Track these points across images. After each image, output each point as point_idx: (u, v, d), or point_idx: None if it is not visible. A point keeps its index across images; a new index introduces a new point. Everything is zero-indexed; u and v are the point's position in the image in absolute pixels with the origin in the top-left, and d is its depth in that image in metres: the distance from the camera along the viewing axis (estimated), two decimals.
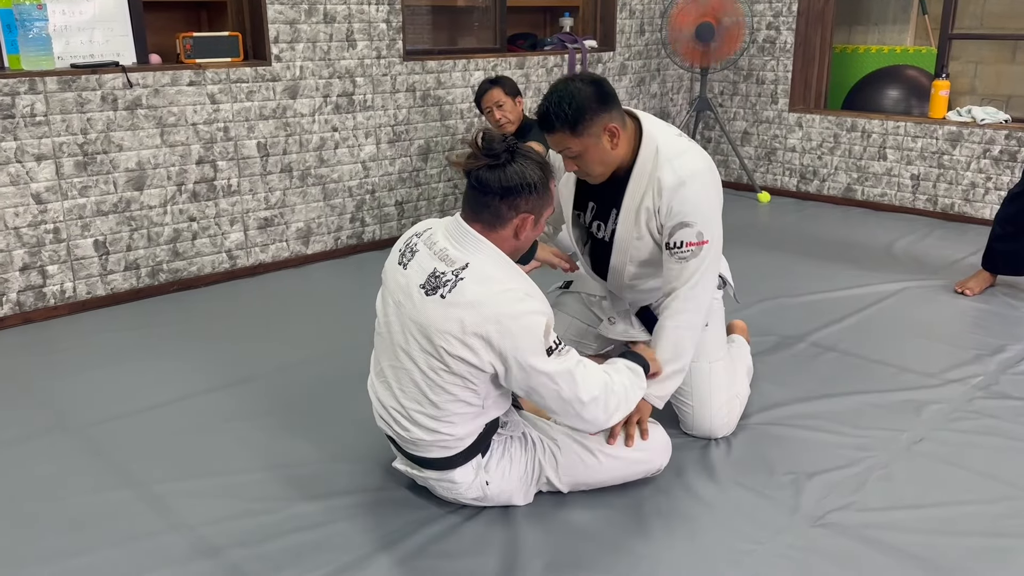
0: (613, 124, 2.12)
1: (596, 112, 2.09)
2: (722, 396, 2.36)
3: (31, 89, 3.13)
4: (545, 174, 1.88)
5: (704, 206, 2.17)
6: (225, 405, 2.62)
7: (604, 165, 2.18)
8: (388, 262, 2.00)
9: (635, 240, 2.27)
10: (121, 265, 3.50)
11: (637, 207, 2.23)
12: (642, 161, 2.21)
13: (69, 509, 2.06)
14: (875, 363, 2.90)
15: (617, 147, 2.16)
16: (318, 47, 3.86)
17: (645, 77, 5.48)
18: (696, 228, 2.15)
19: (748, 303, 3.46)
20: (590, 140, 2.11)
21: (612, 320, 2.54)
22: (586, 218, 2.39)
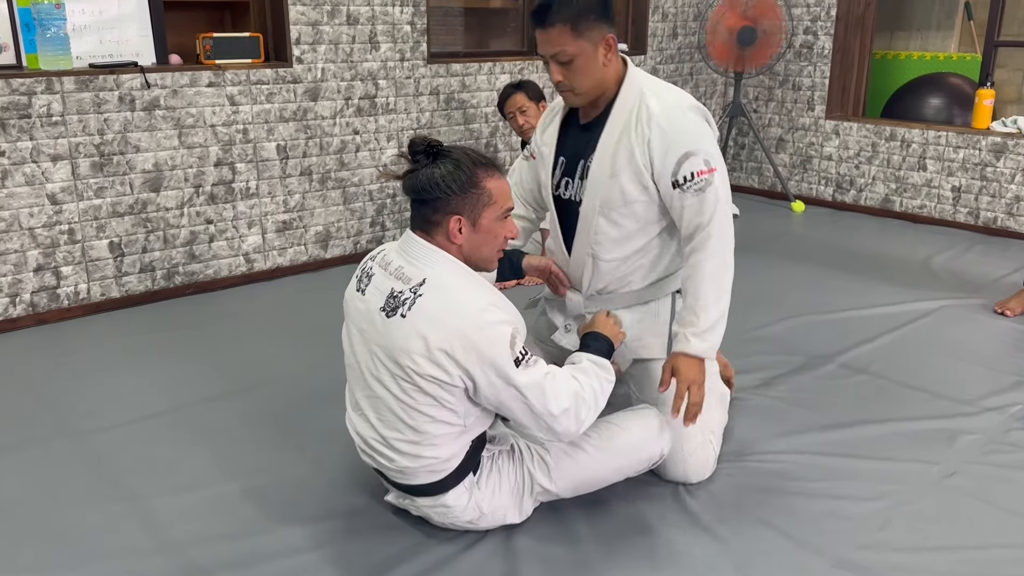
0: (611, 35, 2.02)
1: (600, 17, 1.99)
2: (696, 437, 2.16)
3: (48, 89, 3.11)
4: (465, 171, 1.75)
5: (703, 134, 2.05)
6: (228, 414, 2.56)
7: (592, 80, 2.04)
8: (347, 291, 1.92)
9: (607, 179, 2.08)
10: (136, 267, 3.47)
11: (617, 139, 2.07)
12: (625, 94, 2.07)
13: (58, 522, 2.01)
14: (907, 388, 2.76)
15: (608, 64, 2.03)
16: (340, 49, 3.80)
17: (677, 81, 5.35)
18: (701, 156, 2.02)
19: (775, 319, 3.33)
20: (587, 45, 1.98)
21: (568, 327, 2.34)
22: (555, 179, 2.22)
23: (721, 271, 2.06)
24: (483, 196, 1.78)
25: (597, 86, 2.06)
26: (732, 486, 2.19)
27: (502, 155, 4.48)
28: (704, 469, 2.20)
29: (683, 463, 2.16)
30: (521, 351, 1.74)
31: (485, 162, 1.81)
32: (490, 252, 1.87)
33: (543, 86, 3.99)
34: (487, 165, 1.80)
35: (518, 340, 1.74)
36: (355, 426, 1.92)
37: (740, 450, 2.36)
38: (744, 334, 3.16)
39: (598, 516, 2.04)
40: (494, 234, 1.84)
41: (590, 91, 2.07)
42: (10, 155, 3.07)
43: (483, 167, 1.79)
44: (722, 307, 2.07)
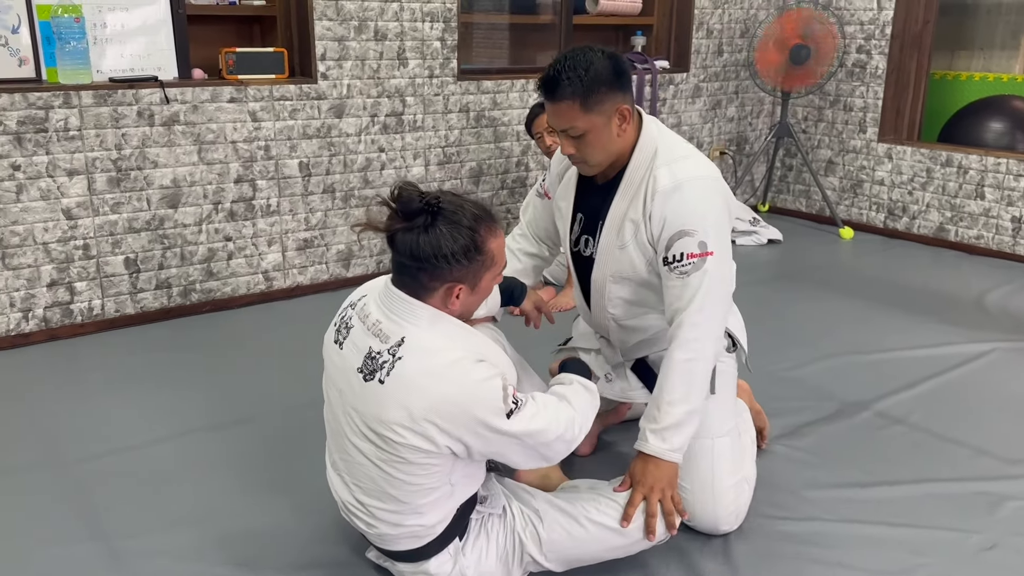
0: (625, 106, 1.87)
1: (612, 87, 1.84)
2: (728, 480, 2.01)
3: (65, 103, 3.07)
4: (474, 239, 1.58)
5: (706, 213, 1.89)
6: (222, 446, 2.47)
7: (606, 153, 1.92)
8: (326, 337, 1.77)
9: (616, 250, 1.98)
10: (152, 283, 3.42)
11: (624, 211, 1.96)
12: (636, 162, 1.94)
13: (23, 562, 1.93)
14: (948, 442, 2.54)
15: (623, 134, 1.91)
16: (367, 65, 3.71)
17: (722, 100, 5.16)
18: (697, 237, 1.86)
19: (812, 358, 3.13)
20: (599, 119, 1.85)
21: (609, 377, 2.24)
22: (574, 234, 2.11)
23: (693, 365, 1.88)
24: (487, 260, 1.63)
25: (611, 156, 1.95)
26: (744, 550, 2.01)
27: (533, 175, 4.34)
28: (736, 517, 2.04)
29: (713, 505, 2.00)
30: (513, 400, 1.59)
31: (486, 218, 1.63)
32: (475, 308, 1.75)
33: None
34: (488, 221, 1.63)
35: (509, 389, 1.60)
36: (334, 486, 1.79)
37: (756, 507, 2.17)
38: (776, 374, 2.97)
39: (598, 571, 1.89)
40: (489, 290, 1.72)
41: (603, 163, 1.96)
42: (25, 169, 3.04)
43: (485, 226, 1.62)
44: (691, 405, 1.87)
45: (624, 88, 1.88)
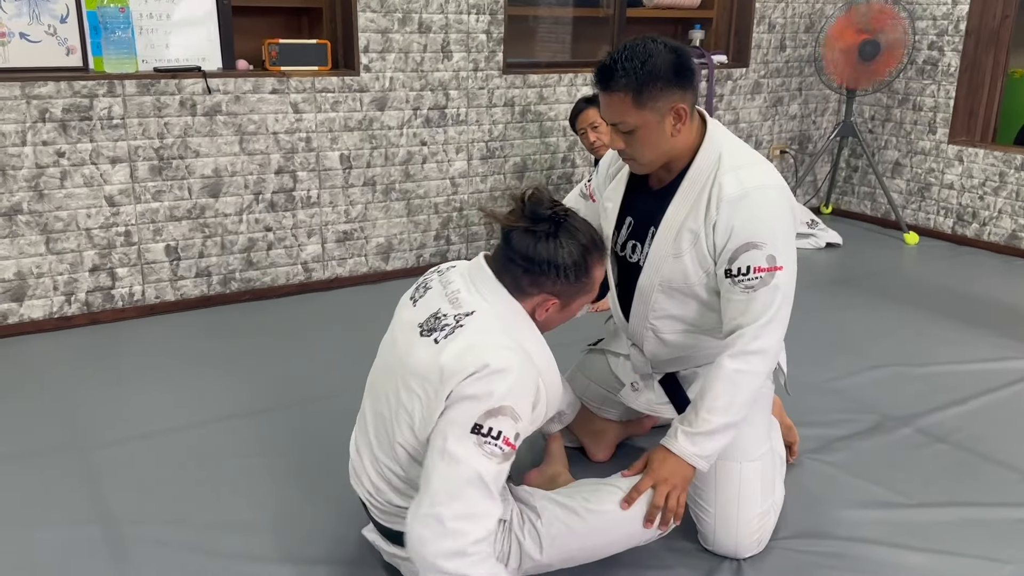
0: (683, 105, 1.76)
1: (669, 84, 1.74)
2: (754, 508, 1.90)
3: (109, 92, 3.13)
4: (587, 259, 1.62)
5: (775, 225, 1.78)
6: (241, 435, 2.47)
7: (657, 152, 1.82)
8: (403, 297, 1.79)
9: (671, 259, 1.88)
10: (192, 271, 3.46)
11: (682, 222, 1.85)
12: (699, 165, 1.84)
13: (30, 543, 1.96)
14: (993, 464, 2.38)
15: (678, 135, 1.80)
16: (411, 58, 3.69)
17: (784, 96, 4.98)
18: (766, 251, 1.75)
19: (859, 368, 2.99)
20: (652, 116, 1.75)
21: (635, 386, 2.15)
22: (620, 238, 2.02)
23: (742, 377, 1.79)
24: (587, 285, 1.67)
25: (663, 156, 1.85)
26: (759, 568, 1.91)
27: (579, 171, 4.26)
28: (758, 543, 1.94)
29: (736, 533, 1.90)
30: (491, 429, 1.49)
31: (600, 246, 1.67)
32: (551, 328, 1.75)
33: None
34: (601, 250, 1.67)
35: (499, 420, 1.50)
36: (356, 441, 1.79)
37: (782, 524, 2.06)
38: (818, 385, 2.85)
39: None
40: (575, 314, 1.73)
41: (654, 162, 1.86)
42: (70, 156, 3.11)
43: (597, 255, 1.66)
44: (731, 418, 1.79)
45: (685, 86, 1.77)
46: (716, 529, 1.91)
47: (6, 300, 3.13)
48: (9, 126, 2.98)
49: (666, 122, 1.78)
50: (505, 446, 1.51)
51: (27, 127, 3.01)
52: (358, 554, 1.93)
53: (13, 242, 3.08)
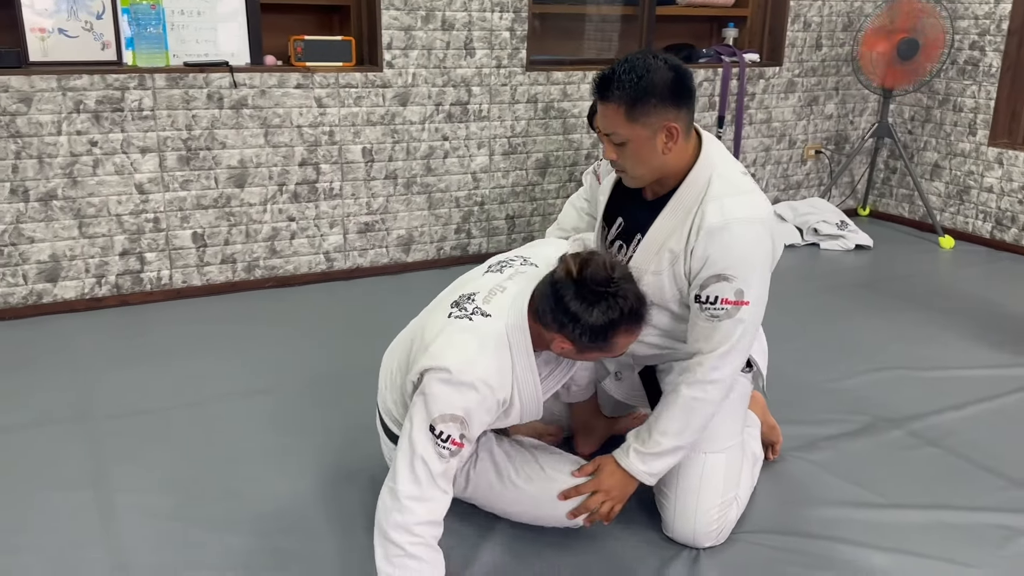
0: (675, 124, 1.79)
1: (664, 101, 1.77)
2: (715, 498, 1.94)
3: (140, 85, 3.29)
4: (610, 330, 1.65)
5: (750, 260, 1.82)
6: (245, 413, 2.58)
7: (647, 168, 1.85)
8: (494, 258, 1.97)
9: (649, 275, 1.92)
10: (218, 258, 3.61)
11: (664, 240, 1.89)
12: (687, 189, 1.86)
13: (25, 505, 2.09)
14: (981, 469, 2.35)
15: (669, 153, 1.82)
16: (433, 55, 3.77)
17: (819, 96, 4.92)
18: (735, 284, 1.80)
19: (861, 370, 2.96)
20: (642, 131, 1.78)
21: (618, 376, 2.20)
22: (610, 234, 2.07)
23: (699, 407, 1.85)
24: (605, 348, 1.71)
25: (653, 173, 1.88)
26: (721, 560, 1.93)
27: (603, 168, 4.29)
28: (717, 534, 1.97)
29: (693, 521, 1.94)
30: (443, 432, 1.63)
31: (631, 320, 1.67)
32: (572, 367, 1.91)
33: None
34: (630, 322, 1.68)
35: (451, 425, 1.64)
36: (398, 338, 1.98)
37: (751, 518, 2.09)
38: (817, 385, 2.84)
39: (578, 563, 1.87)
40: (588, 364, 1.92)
41: (644, 176, 1.89)
42: (102, 145, 3.28)
43: (628, 325, 1.68)
44: (682, 441, 1.87)
45: (680, 105, 1.80)
46: (675, 516, 1.95)
47: (41, 280, 3.31)
48: (46, 116, 3.16)
49: (657, 139, 1.80)
50: (453, 446, 1.66)
51: (62, 117, 3.19)
52: (337, 542, 2.02)
53: (48, 226, 3.27)
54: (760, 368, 2.11)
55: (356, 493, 2.16)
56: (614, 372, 2.24)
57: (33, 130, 3.15)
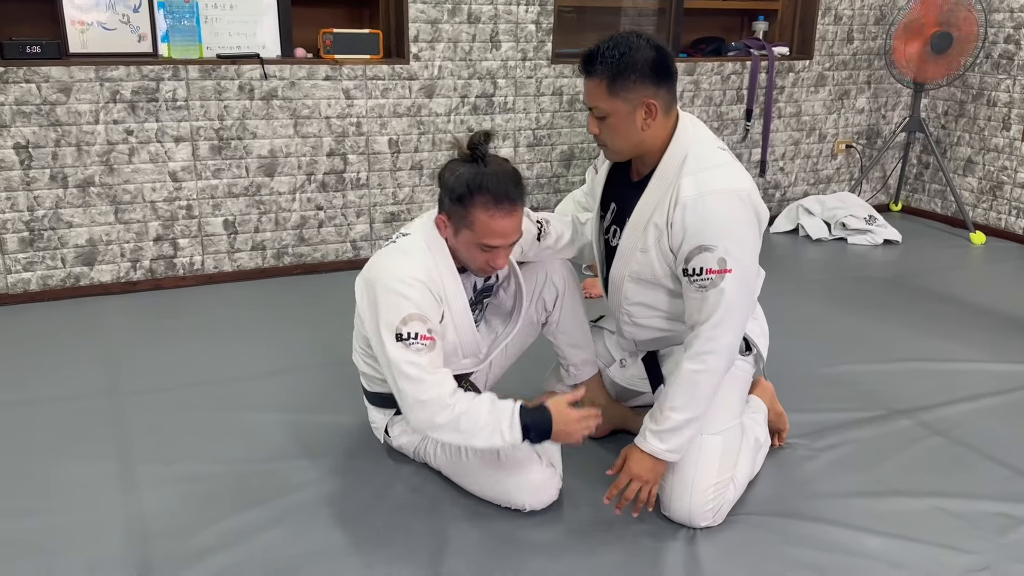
0: (654, 101, 1.86)
1: (643, 78, 1.85)
2: (710, 478, 1.97)
3: (174, 76, 3.41)
4: (472, 194, 1.83)
5: (729, 228, 1.86)
6: (269, 391, 2.68)
7: (626, 142, 1.93)
8: None
9: (638, 252, 1.99)
10: (248, 245, 3.73)
11: (649, 216, 1.96)
12: (664, 166, 1.93)
13: (51, 472, 2.21)
14: (987, 460, 2.35)
15: (648, 129, 1.90)
16: (459, 47, 3.84)
17: (850, 90, 4.89)
18: (716, 253, 1.85)
19: (874, 362, 2.96)
20: (622, 106, 1.86)
21: (624, 363, 2.25)
22: (606, 220, 2.14)
23: (699, 377, 1.90)
24: (466, 218, 1.87)
25: (633, 148, 1.95)
26: (714, 541, 1.97)
27: None
28: (712, 514, 2.00)
29: (689, 502, 1.98)
30: (411, 333, 1.84)
31: (496, 195, 1.84)
32: (468, 262, 1.97)
33: None
34: (496, 199, 1.84)
35: (413, 323, 1.84)
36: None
37: (751, 501, 2.12)
38: (830, 376, 2.87)
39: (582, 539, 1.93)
40: (470, 253, 1.93)
41: (624, 151, 1.97)
42: (137, 134, 3.40)
43: (486, 196, 1.84)
44: (692, 414, 1.91)
45: (660, 83, 1.87)
46: (672, 496, 1.99)
47: (79, 264, 3.45)
48: (84, 106, 3.30)
49: (636, 114, 1.87)
50: (425, 341, 1.86)
51: (100, 107, 3.32)
52: (347, 505, 2.10)
53: (86, 211, 3.40)
54: (760, 351, 2.14)
55: (372, 466, 2.24)
56: (619, 360, 2.30)
57: (72, 119, 3.29)
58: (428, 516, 2.04)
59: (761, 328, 2.18)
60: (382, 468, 2.24)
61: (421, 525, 2.00)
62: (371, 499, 2.10)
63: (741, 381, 2.11)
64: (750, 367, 2.14)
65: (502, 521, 2.02)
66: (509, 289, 2.25)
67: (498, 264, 1.94)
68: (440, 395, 1.83)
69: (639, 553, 1.92)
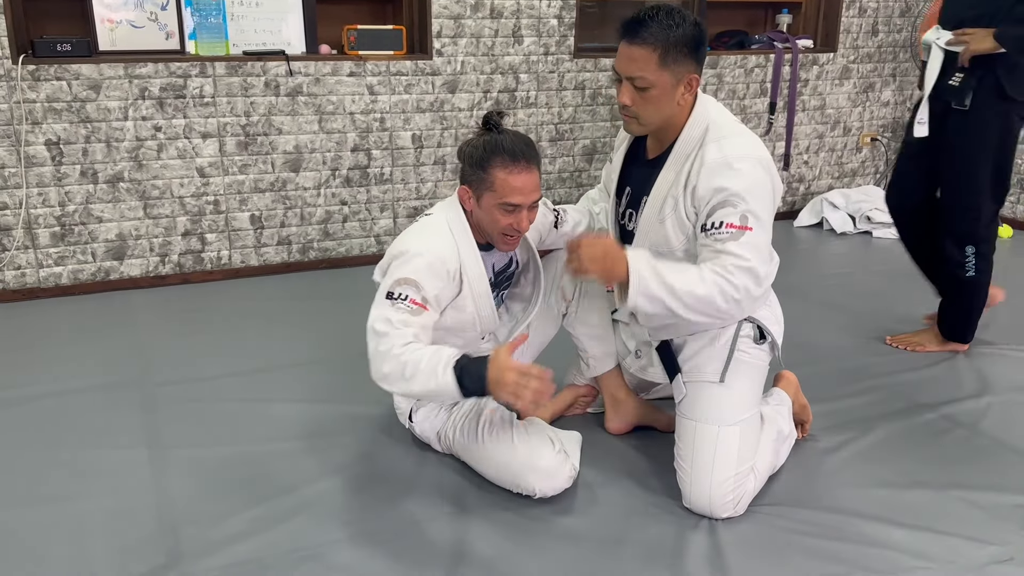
0: (695, 76, 1.91)
1: (691, 54, 1.89)
2: (729, 469, 1.97)
3: (201, 73, 3.46)
4: (490, 156, 1.93)
5: (752, 190, 1.86)
6: (294, 381, 2.72)
7: (661, 115, 1.94)
8: None
9: (656, 223, 2.00)
10: (274, 240, 3.77)
11: (669, 187, 1.97)
12: (686, 137, 1.96)
13: (83, 460, 2.25)
14: (1012, 452, 2.33)
15: (684, 104, 1.93)
16: (482, 42, 3.86)
17: (875, 83, 4.85)
18: (740, 209, 1.85)
19: (899, 355, 2.95)
20: (669, 79, 1.88)
21: (638, 354, 2.26)
22: (621, 206, 2.16)
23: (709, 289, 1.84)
24: (487, 181, 1.96)
25: (663, 121, 1.97)
26: (735, 532, 1.98)
27: None
28: (733, 505, 2.00)
29: (709, 492, 1.99)
30: (400, 294, 1.93)
31: (512, 153, 1.93)
32: (491, 231, 2.04)
33: None
34: (512, 157, 1.93)
35: (406, 286, 1.93)
36: None
37: (772, 492, 2.13)
38: (854, 369, 2.86)
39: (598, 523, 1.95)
40: (493, 218, 1.99)
41: (654, 124, 1.98)
42: (165, 131, 3.46)
43: (503, 157, 1.93)
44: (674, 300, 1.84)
45: (699, 60, 1.92)
46: (692, 488, 2.00)
47: (108, 258, 3.52)
48: (114, 103, 3.35)
49: (679, 88, 1.90)
50: (412, 304, 1.93)
51: (129, 104, 3.37)
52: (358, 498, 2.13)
53: (115, 207, 3.46)
54: (775, 338, 2.13)
55: (396, 456, 2.27)
56: (634, 351, 2.30)
57: (102, 115, 3.34)
58: (452, 505, 2.06)
59: (775, 315, 2.16)
60: (407, 457, 2.27)
61: (444, 514, 2.03)
62: (396, 488, 2.13)
63: (757, 370, 2.10)
64: (766, 355, 2.13)
65: (524, 512, 2.03)
66: (528, 276, 2.29)
67: (522, 226, 1.98)
68: (391, 345, 1.87)
69: (660, 545, 1.93)
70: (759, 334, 2.07)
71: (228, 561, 1.85)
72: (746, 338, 2.05)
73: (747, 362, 2.03)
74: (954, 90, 2.71)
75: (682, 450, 2.03)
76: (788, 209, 4.86)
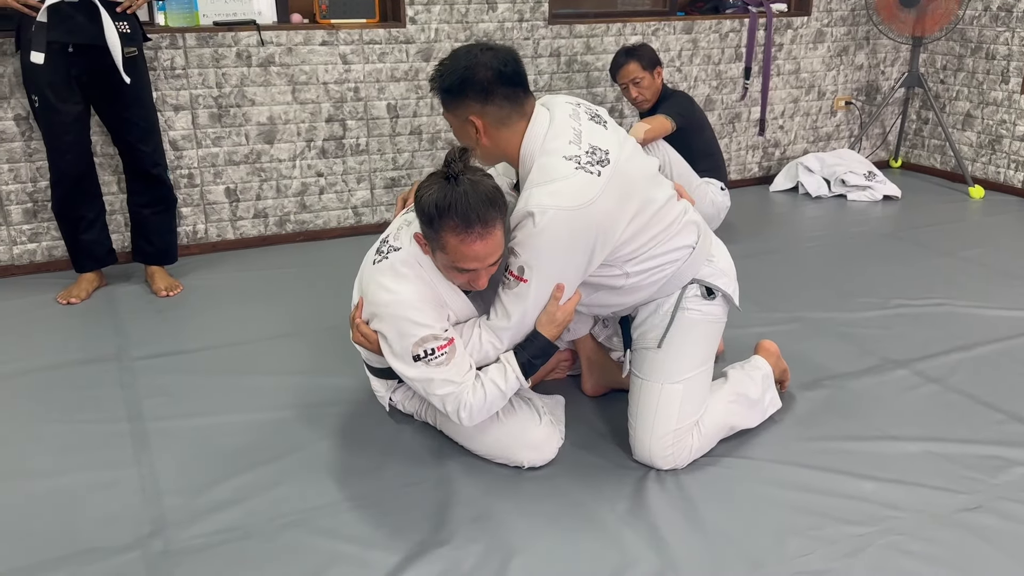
0: (474, 117, 1.93)
1: (459, 96, 1.94)
2: (668, 425, 2.04)
3: (172, 44, 3.41)
4: (441, 218, 1.76)
5: (539, 246, 1.86)
6: (272, 353, 2.73)
7: (484, 153, 2.00)
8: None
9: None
10: (250, 212, 3.75)
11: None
12: (523, 174, 1.97)
13: (65, 434, 2.26)
14: (981, 405, 2.39)
15: (489, 142, 1.97)
16: (455, 9, 3.84)
17: (849, 47, 4.87)
18: (519, 261, 1.90)
19: (873, 313, 2.99)
20: (454, 120, 1.98)
21: (606, 323, 2.35)
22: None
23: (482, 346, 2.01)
24: (439, 241, 1.81)
25: (492, 158, 2.03)
26: (714, 489, 2.02)
27: (628, 121, 4.32)
28: (673, 458, 2.07)
29: (649, 445, 2.06)
30: (426, 351, 1.88)
31: (466, 218, 1.75)
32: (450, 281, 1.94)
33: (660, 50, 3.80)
34: (465, 223, 1.75)
35: (426, 343, 1.88)
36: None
37: (741, 448, 2.17)
38: (828, 327, 2.90)
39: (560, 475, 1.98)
40: (449, 275, 1.92)
41: (484, 158, 2.03)
42: None
43: (454, 221, 1.75)
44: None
45: (475, 99, 1.90)
46: (635, 441, 2.11)
47: None
48: None
49: (468, 128, 1.95)
50: (442, 352, 1.90)
51: None
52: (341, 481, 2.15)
53: None
54: (727, 291, 2.13)
55: (376, 425, 2.30)
56: (602, 320, 2.40)
57: None
58: (432, 470, 2.09)
59: (720, 269, 2.13)
60: (386, 426, 2.29)
61: (426, 478, 2.05)
62: (377, 455, 2.15)
63: (710, 325, 2.11)
64: (720, 308, 2.13)
65: (506, 475, 2.07)
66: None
67: (479, 285, 1.89)
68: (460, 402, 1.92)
69: (636, 501, 1.97)
70: (706, 291, 2.09)
71: (213, 528, 1.87)
72: (695, 297, 2.08)
73: (697, 320, 2.07)
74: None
75: (630, 406, 2.13)
76: (764, 174, 4.89)
